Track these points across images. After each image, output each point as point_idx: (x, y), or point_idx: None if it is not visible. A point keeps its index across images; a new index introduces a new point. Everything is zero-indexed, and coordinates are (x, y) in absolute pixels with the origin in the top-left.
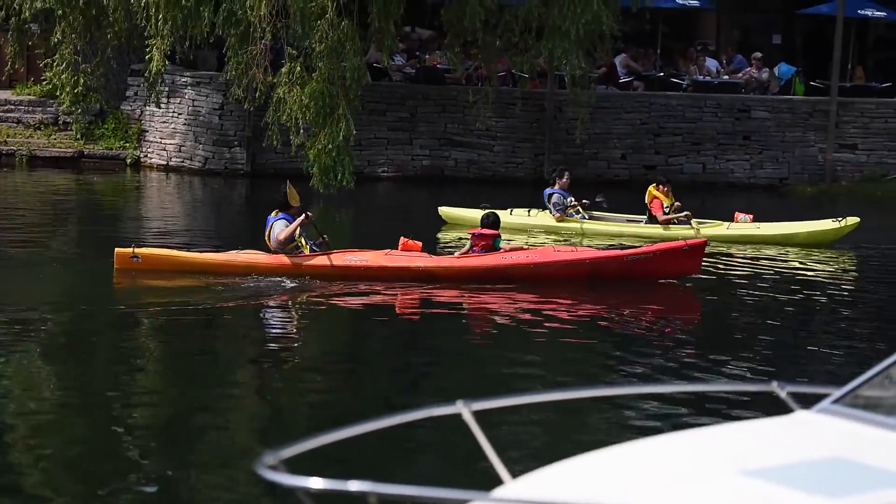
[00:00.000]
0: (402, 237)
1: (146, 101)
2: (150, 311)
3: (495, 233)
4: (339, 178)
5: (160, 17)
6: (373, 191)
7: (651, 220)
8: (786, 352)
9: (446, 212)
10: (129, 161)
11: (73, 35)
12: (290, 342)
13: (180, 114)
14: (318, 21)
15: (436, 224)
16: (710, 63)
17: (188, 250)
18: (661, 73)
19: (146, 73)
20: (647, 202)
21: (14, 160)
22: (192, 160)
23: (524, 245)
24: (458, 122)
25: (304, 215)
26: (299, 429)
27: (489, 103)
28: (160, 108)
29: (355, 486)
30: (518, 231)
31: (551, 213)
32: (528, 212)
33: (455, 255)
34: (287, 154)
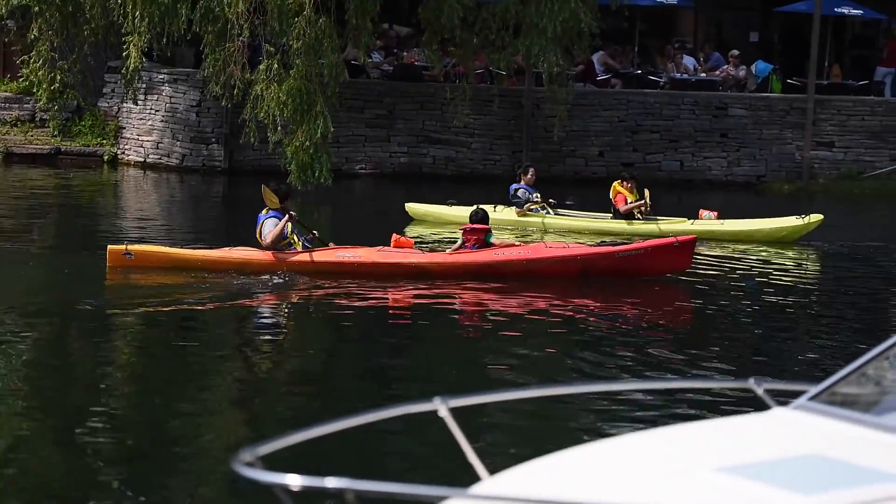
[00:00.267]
0: (394, 234)
1: (123, 97)
2: (140, 308)
3: (486, 227)
4: (316, 175)
5: (137, 13)
6: (350, 188)
7: (616, 215)
8: (762, 349)
9: (413, 208)
10: (106, 158)
11: (50, 32)
12: (276, 339)
13: (157, 111)
14: (296, 18)
15: (404, 220)
16: (688, 61)
17: (180, 247)
18: (639, 71)
19: (123, 70)
20: (611, 197)
21: None
22: (169, 157)
23: (514, 241)
24: (436, 119)
25: (287, 215)
26: (277, 425)
27: (466, 100)
28: (137, 105)
29: (332, 482)
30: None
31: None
32: (494, 208)
33: (447, 251)
34: (265, 151)
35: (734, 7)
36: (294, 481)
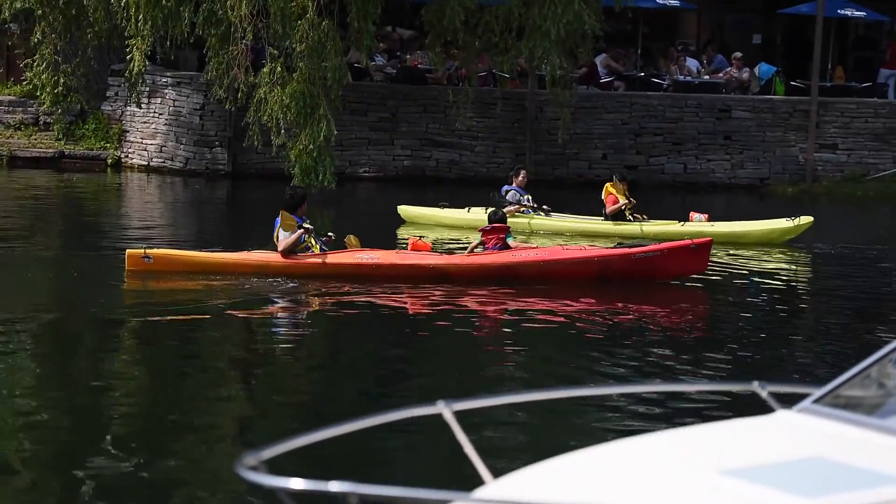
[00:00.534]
0: (411, 237)
1: (127, 101)
2: (156, 311)
3: (506, 227)
4: (320, 178)
5: (140, 17)
6: (354, 191)
7: (608, 217)
8: (766, 351)
9: (405, 210)
10: (109, 161)
11: (53, 35)
12: (287, 342)
13: (161, 114)
14: (299, 21)
15: (396, 222)
16: (691, 63)
17: (198, 250)
18: (642, 73)
19: (127, 74)
20: (603, 198)
21: None
22: (173, 161)
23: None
24: (440, 122)
25: (301, 229)
26: (282, 429)
27: (469, 103)
28: (141, 108)
29: (336, 486)
30: (473, 229)
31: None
32: (486, 209)
33: (465, 253)
34: (268, 154)
35: (737, 9)
36: (297, 485)
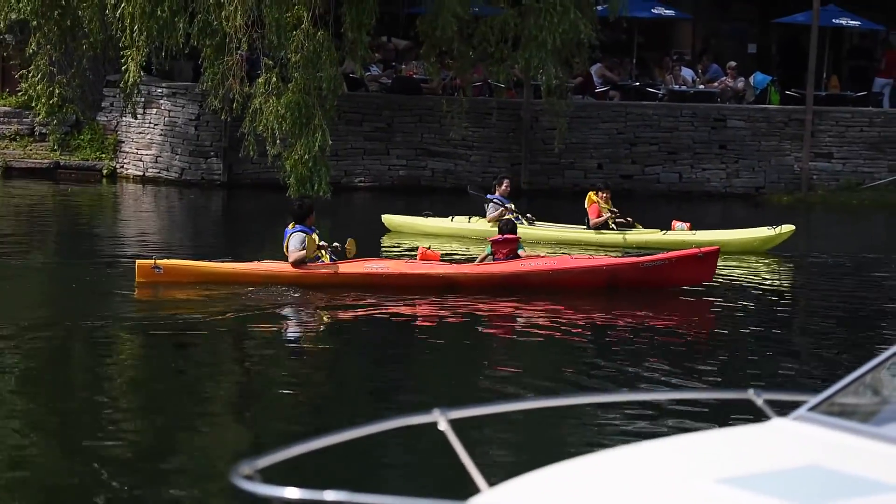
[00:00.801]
0: (420, 247)
1: (122, 111)
2: (166, 321)
3: (517, 237)
4: (315, 188)
5: (135, 27)
6: (349, 201)
7: (590, 226)
8: (761, 359)
9: (389, 219)
10: (105, 172)
11: (49, 46)
12: (293, 352)
13: (156, 125)
14: (294, 31)
15: (381, 231)
16: (686, 72)
17: (209, 261)
18: (637, 83)
19: (122, 84)
20: (586, 207)
21: None
22: (168, 171)
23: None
24: (435, 132)
25: (322, 244)
26: (278, 438)
27: (463, 113)
28: (136, 118)
29: (331, 495)
30: (456, 238)
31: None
32: (469, 219)
33: (475, 262)
34: (264, 164)
35: (732, 19)
36: (293, 494)
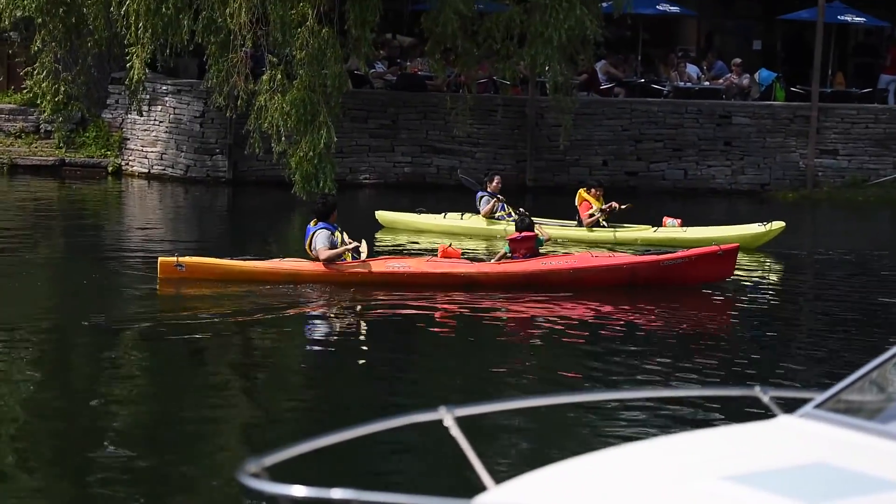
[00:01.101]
0: (441, 245)
1: (127, 109)
2: (187, 319)
3: (535, 234)
4: (320, 185)
5: (140, 25)
6: (354, 198)
7: (581, 223)
8: (767, 356)
9: (383, 216)
10: (110, 169)
11: (54, 43)
12: (308, 349)
13: (161, 122)
14: (299, 28)
15: (375, 228)
16: (691, 69)
17: (230, 258)
18: (642, 80)
19: (127, 81)
20: (576, 204)
21: None
22: (173, 168)
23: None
24: (440, 128)
25: (353, 245)
26: (285, 436)
27: (468, 110)
28: (141, 116)
29: (338, 493)
30: (448, 234)
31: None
32: (462, 216)
33: (492, 261)
34: (269, 161)
35: (737, 15)
36: (299, 492)
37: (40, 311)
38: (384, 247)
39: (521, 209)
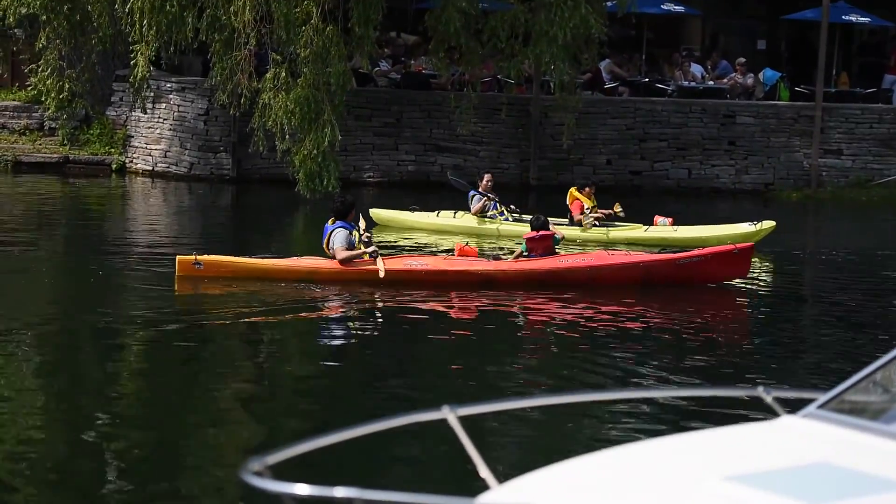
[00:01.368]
0: (457, 243)
1: (131, 106)
2: (205, 316)
3: (552, 233)
4: (324, 183)
5: (145, 22)
6: (358, 196)
7: (572, 222)
8: (770, 357)
9: (377, 214)
10: (114, 166)
11: (58, 41)
12: (320, 347)
13: (166, 119)
14: (303, 27)
15: (369, 225)
16: (695, 68)
17: (249, 256)
18: (647, 79)
19: (131, 79)
20: (568, 204)
21: None
22: (177, 165)
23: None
24: (444, 127)
25: (370, 249)
26: (288, 434)
27: (471, 109)
28: (146, 113)
29: (341, 491)
30: (441, 232)
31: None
32: (454, 214)
33: (509, 259)
34: (273, 159)
35: (741, 15)
36: (303, 490)
37: (53, 308)
38: (379, 245)
39: (512, 206)
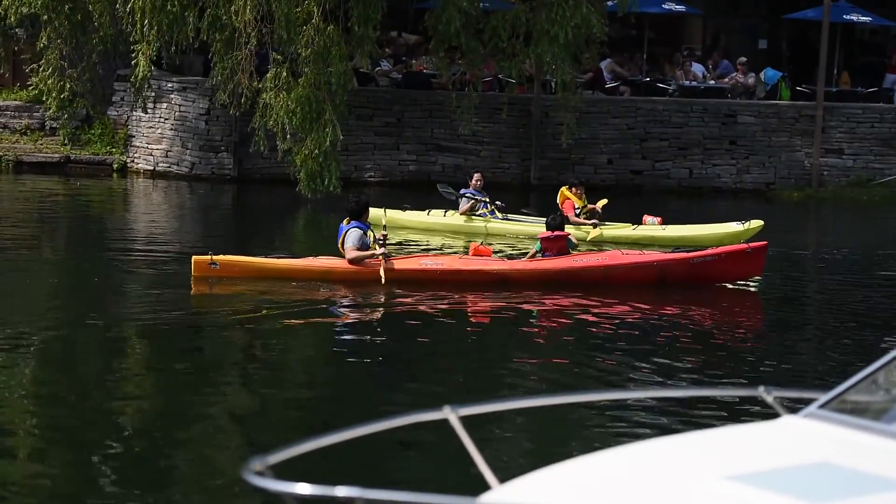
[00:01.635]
0: (472, 242)
1: (133, 106)
2: (221, 316)
3: (567, 234)
4: (325, 183)
5: (146, 22)
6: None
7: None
8: (771, 356)
9: (371, 213)
10: (115, 166)
11: (59, 40)
12: (334, 347)
13: (167, 119)
14: (304, 26)
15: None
16: (697, 68)
17: (264, 257)
18: (648, 79)
19: (132, 79)
20: (558, 203)
21: (0, 165)
22: (179, 165)
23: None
24: (445, 127)
25: (380, 251)
26: (291, 433)
27: (473, 108)
28: (147, 113)
29: (342, 491)
30: (431, 231)
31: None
32: (444, 213)
33: (524, 259)
34: (274, 159)
35: (742, 14)
36: (304, 490)
37: (69, 308)
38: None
39: (498, 202)
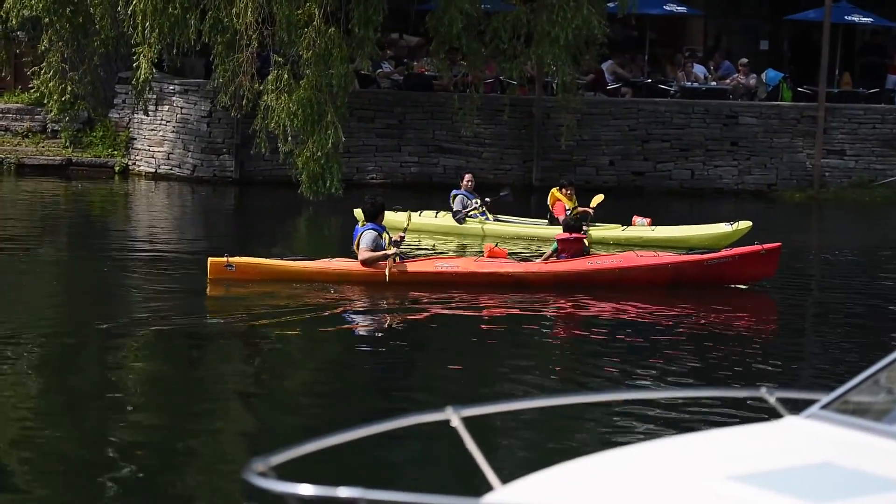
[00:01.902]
0: (487, 244)
1: (134, 108)
2: (236, 319)
3: (583, 235)
4: (327, 185)
5: (147, 24)
6: (361, 198)
7: (553, 222)
8: (773, 357)
9: (360, 214)
10: (117, 169)
11: (61, 43)
12: (344, 349)
13: (168, 121)
14: (305, 28)
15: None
16: (698, 69)
17: (280, 259)
18: (649, 80)
19: (134, 81)
20: (549, 204)
21: (2, 168)
22: (180, 168)
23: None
24: (447, 128)
25: (392, 252)
26: (295, 434)
27: (475, 110)
28: (148, 115)
29: (345, 492)
30: (423, 232)
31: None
32: (436, 214)
33: (539, 260)
34: (276, 161)
35: (744, 15)
36: (307, 490)
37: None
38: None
39: (487, 199)
